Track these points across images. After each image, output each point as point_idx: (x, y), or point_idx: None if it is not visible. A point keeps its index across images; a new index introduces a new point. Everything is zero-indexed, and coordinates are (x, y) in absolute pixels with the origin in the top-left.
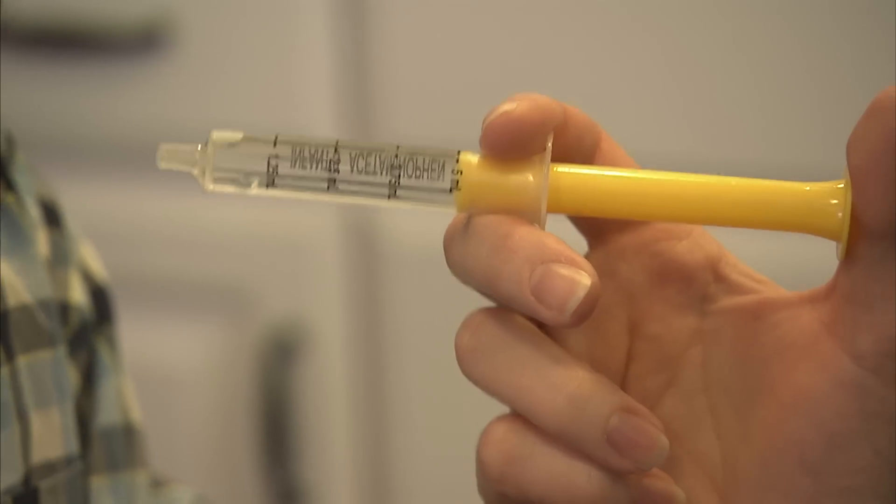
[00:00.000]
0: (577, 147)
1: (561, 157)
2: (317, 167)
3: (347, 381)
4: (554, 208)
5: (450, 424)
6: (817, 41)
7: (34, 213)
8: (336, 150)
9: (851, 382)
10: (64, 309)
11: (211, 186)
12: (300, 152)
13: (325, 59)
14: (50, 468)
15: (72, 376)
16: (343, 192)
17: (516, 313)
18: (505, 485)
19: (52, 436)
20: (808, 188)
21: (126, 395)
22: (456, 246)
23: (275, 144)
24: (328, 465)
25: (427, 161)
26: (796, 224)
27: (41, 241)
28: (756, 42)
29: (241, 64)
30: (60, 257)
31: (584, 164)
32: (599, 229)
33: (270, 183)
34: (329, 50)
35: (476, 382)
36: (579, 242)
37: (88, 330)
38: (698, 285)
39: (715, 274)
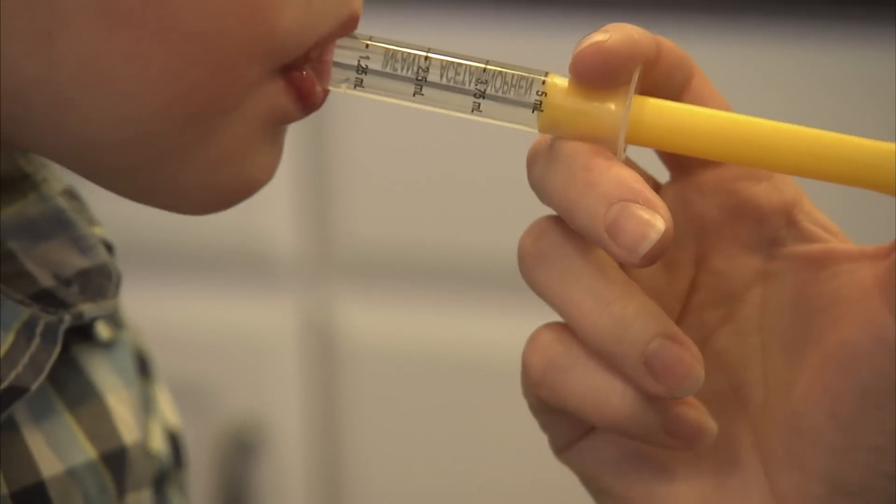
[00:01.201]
0: (666, 82)
1: (650, 90)
2: (407, 70)
3: (306, 479)
4: (633, 140)
5: None
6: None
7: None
8: (427, 58)
9: (892, 343)
10: (147, 456)
11: None
12: (392, 54)
13: (284, 161)
14: None
15: None
16: (428, 101)
17: None
18: (542, 390)
19: None
20: (878, 145)
21: None
22: (537, 167)
23: (367, 46)
24: None
25: (515, 78)
26: (860, 179)
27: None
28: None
29: None
30: (146, 406)
31: (671, 100)
32: (682, 161)
33: (359, 83)
34: (288, 153)
35: (531, 287)
36: (661, 171)
37: (164, 477)
38: (769, 228)
39: (788, 219)
